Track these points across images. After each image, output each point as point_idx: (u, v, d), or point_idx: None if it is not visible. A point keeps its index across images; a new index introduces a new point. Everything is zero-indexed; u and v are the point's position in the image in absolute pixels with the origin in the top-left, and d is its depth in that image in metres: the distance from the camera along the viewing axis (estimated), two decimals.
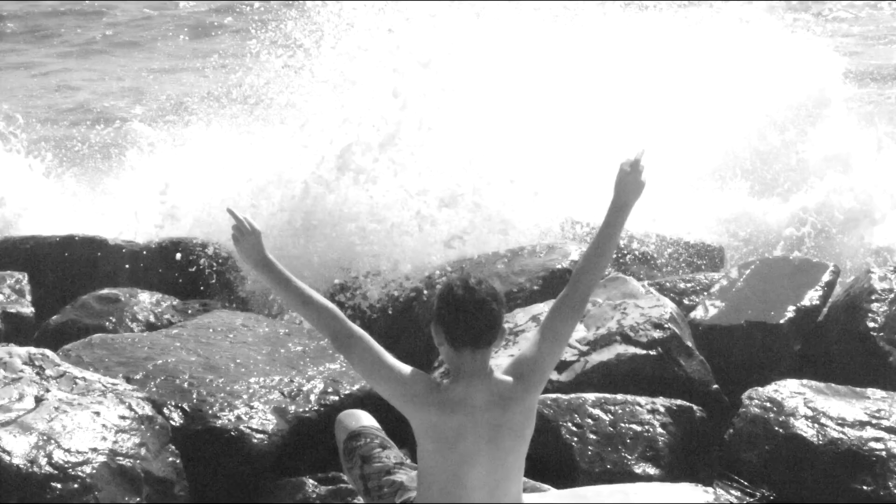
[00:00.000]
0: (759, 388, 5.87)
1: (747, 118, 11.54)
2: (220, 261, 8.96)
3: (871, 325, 6.75)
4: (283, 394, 6.04)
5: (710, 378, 6.38)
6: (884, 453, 5.39)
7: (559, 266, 7.60)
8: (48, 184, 11.44)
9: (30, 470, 4.96)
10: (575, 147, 9.83)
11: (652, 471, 5.55)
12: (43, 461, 5.02)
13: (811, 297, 7.07)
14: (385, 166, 8.92)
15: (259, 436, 5.75)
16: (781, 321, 6.87)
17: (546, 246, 8.04)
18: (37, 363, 5.69)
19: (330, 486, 5.61)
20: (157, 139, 12.35)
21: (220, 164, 10.22)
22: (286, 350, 6.64)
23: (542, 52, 10.55)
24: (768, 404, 5.70)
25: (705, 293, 7.42)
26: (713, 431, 5.95)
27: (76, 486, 5.00)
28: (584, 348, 6.31)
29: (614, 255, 8.00)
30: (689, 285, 7.67)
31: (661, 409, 5.81)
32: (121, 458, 5.21)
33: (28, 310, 7.76)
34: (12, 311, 7.67)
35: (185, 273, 8.87)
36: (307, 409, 5.97)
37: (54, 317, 7.79)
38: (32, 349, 5.86)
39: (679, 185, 10.40)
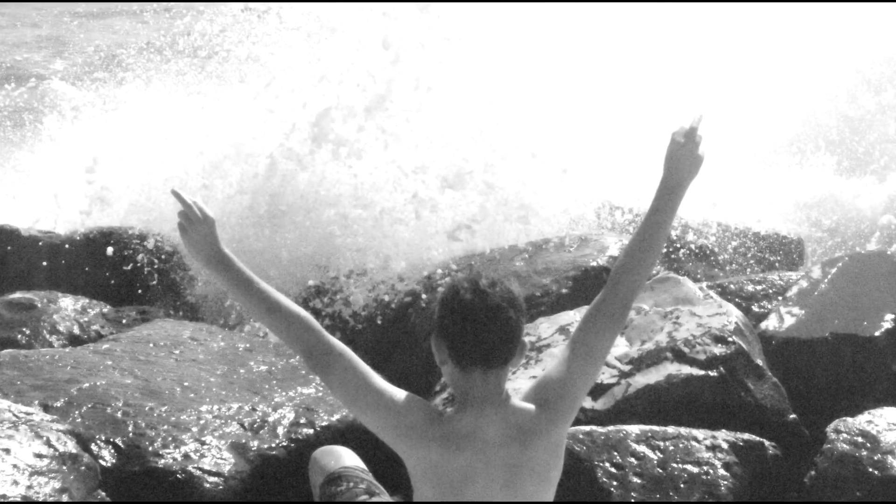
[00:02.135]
0: (849, 419, 5.86)
1: (833, 76, 11.53)
2: (163, 257, 8.96)
3: None
4: (243, 426, 6.03)
5: (787, 405, 6.37)
6: None
7: (594, 263, 7.59)
8: None
9: None
10: (614, 111, 9.83)
11: None
12: None
13: None
14: (373, 136, 8.92)
15: (212, 479, 5.74)
16: (877, 333, 6.85)
17: (577, 238, 8.03)
18: None
19: None
20: (83, 102, 12.35)
21: (162, 133, 10.22)
22: (247, 370, 6.63)
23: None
24: (860, 439, 5.68)
25: (780, 298, 7.41)
26: (790, 473, 5.94)
27: None
28: (626, 368, 6.29)
29: (664, 250, 7.97)
30: (759, 288, 7.66)
31: (724, 446, 5.80)
32: None
33: None
34: None
35: (118, 272, 8.87)
36: (273, 444, 5.97)
37: None
38: None
39: (747, 160, 10.39)
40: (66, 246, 9.03)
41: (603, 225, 8.83)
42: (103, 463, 5.71)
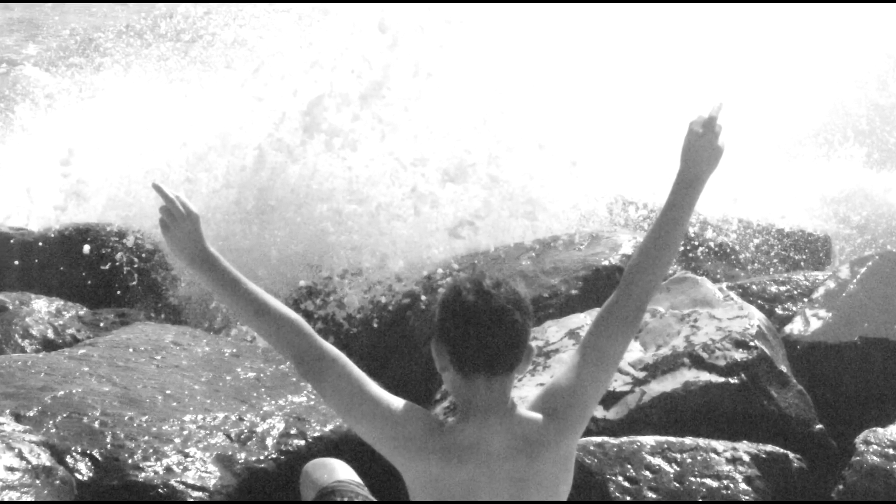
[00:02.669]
0: (879, 429, 5.86)
1: (862, 62, 11.52)
2: (144, 255, 8.96)
3: None
4: (229, 437, 6.03)
5: (813, 415, 6.37)
6: None
7: (606, 263, 7.59)
8: None
9: None
10: (628, 99, 9.83)
11: None
12: None
13: None
14: (369, 126, 8.91)
15: (196, 493, 5.74)
16: None
17: (588, 235, 8.03)
18: None
19: None
20: (58, 89, 12.36)
21: (143, 123, 10.21)
22: (233, 377, 6.63)
23: None
24: (892, 451, 5.68)
25: (805, 300, 7.42)
26: (816, 487, 5.94)
27: None
28: (641, 375, 6.29)
29: (681, 248, 7.97)
30: (783, 289, 7.66)
31: (746, 458, 5.80)
32: None
33: None
34: None
35: (95, 272, 8.87)
36: (262, 457, 5.97)
37: None
38: None
39: (770, 152, 10.38)
40: (40, 244, 9.03)
41: (615, 221, 8.83)
42: (79, 477, 5.71)
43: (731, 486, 5.72)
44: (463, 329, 3.82)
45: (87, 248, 8.91)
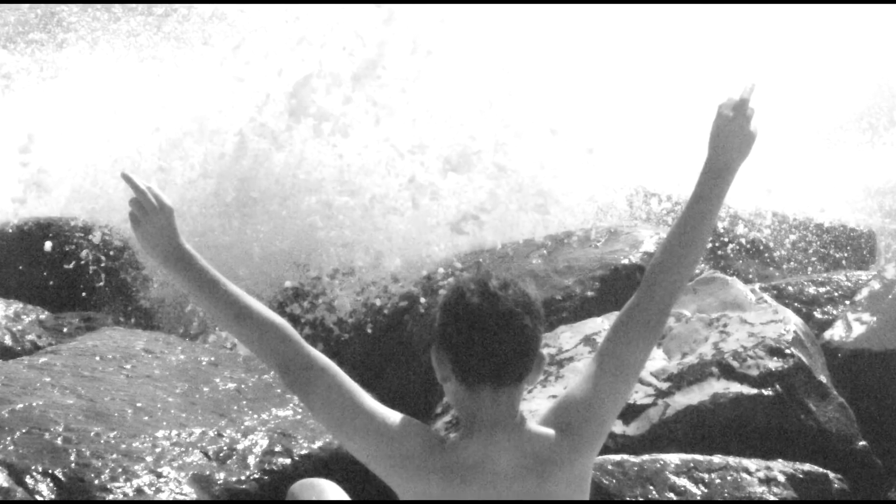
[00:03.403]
0: None
1: None
2: (112, 253, 8.96)
3: None
4: (206, 455, 6.02)
5: (856, 430, 6.38)
6: None
7: (625, 261, 7.61)
8: None
9: None
10: (650, 80, 9.82)
11: None
12: None
13: None
14: (362, 110, 8.92)
15: None
16: None
17: (606, 230, 8.04)
18: None
19: None
20: (16, 68, 12.36)
21: (111, 106, 10.21)
22: (212, 389, 6.63)
23: None
24: None
25: (847, 302, 7.43)
26: None
27: None
28: (664, 386, 6.30)
29: (709, 245, 7.96)
30: (822, 290, 7.67)
31: (781, 478, 5.80)
32: None
33: None
34: None
35: (58, 271, 8.87)
36: (243, 477, 5.96)
37: None
38: None
39: (807, 138, 10.39)
40: None
41: (636, 215, 8.84)
42: (40, 498, 5.70)
43: None
44: (467, 335, 3.81)
45: (48, 245, 8.91)
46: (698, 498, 5.68)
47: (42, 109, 10.77)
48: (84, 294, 8.83)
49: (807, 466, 5.93)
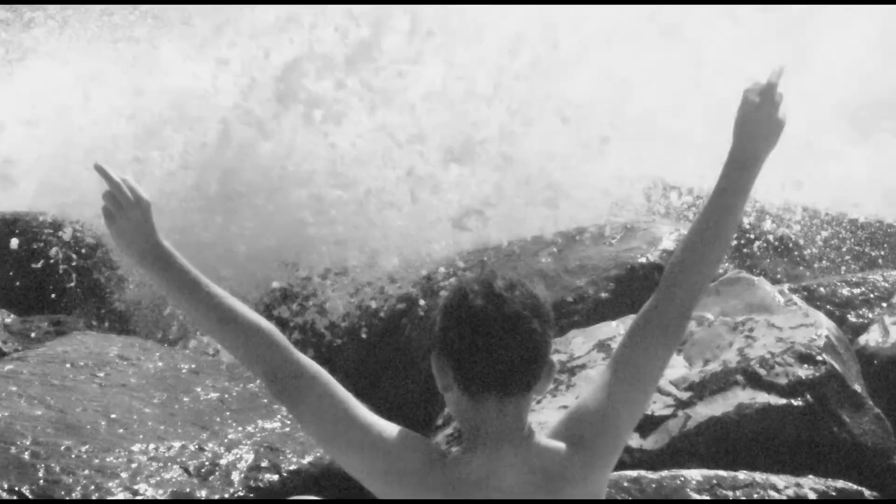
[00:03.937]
0: None
1: None
2: (84, 251, 8.99)
3: None
4: (186, 470, 6.03)
5: (893, 444, 6.39)
6: None
7: (642, 260, 7.64)
8: None
9: None
10: (669, 61, 9.83)
11: None
12: None
13: None
14: (356, 96, 8.93)
15: None
16: None
17: (621, 226, 8.06)
18: None
19: None
20: None
21: (82, 91, 10.22)
22: (192, 398, 6.64)
23: None
24: None
25: (884, 304, 7.43)
26: None
27: None
28: (685, 396, 6.31)
29: (734, 242, 7.96)
30: (857, 291, 7.67)
31: (812, 496, 5.81)
32: None
33: None
34: None
35: (25, 271, 8.89)
36: (227, 494, 5.97)
37: None
38: None
39: (840, 126, 10.40)
40: None
41: (654, 210, 8.87)
42: None
43: None
44: (470, 340, 3.81)
45: (14, 243, 8.95)
46: None
47: (7, 94, 10.78)
48: (53, 295, 8.86)
49: (840, 483, 5.94)
